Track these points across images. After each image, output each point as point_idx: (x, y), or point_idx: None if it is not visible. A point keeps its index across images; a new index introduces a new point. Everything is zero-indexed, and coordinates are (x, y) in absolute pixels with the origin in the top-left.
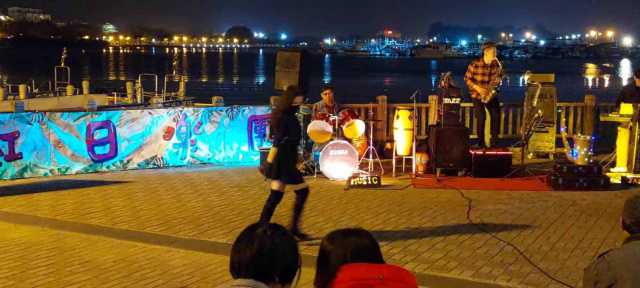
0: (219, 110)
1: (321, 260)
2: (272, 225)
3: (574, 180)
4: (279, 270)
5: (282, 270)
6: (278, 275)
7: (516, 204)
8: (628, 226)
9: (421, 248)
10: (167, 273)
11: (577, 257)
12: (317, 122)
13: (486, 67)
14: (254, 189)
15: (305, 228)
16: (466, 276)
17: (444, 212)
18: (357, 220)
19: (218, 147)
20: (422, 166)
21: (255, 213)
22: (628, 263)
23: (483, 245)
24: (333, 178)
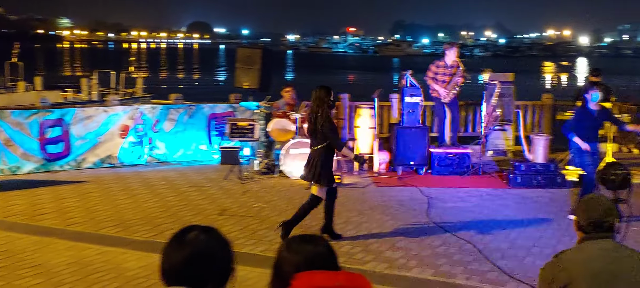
0: (177, 107)
1: (276, 267)
2: (205, 228)
3: (531, 178)
4: (214, 276)
5: (218, 275)
6: (213, 280)
7: (475, 202)
8: (583, 227)
9: (382, 247)
10: (123, 275)
11: (535, 254)
12: (278, 121)
13: (448, 67)
14: (213, 189)
15: (265, 229)
16: (426, 275)
17: (404, 211)
18: (318, 219)
19: (176, 146)
20: (384, 164)
21: (214, 214)
22: (582, 264)
23: (443, 244)
24: (294, 177)
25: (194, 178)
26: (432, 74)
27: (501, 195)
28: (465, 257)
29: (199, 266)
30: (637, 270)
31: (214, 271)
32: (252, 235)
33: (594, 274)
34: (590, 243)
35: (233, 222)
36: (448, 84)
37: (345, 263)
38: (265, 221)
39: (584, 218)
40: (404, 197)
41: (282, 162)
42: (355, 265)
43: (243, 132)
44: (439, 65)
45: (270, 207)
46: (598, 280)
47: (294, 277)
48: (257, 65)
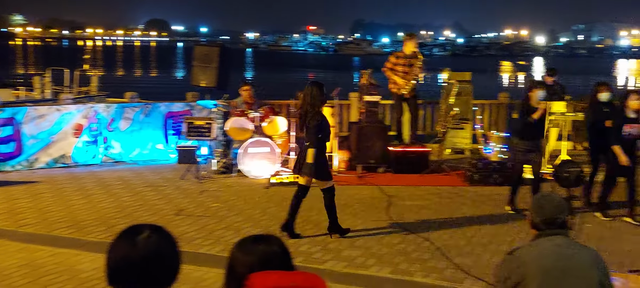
0: (133, 106)
1: (230, 268)
2: (154, 227)
3: (488, 175)
4: (163, 276)
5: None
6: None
7: (434, 200)
8: (536, 224)
9: (341, 246)
10: (76, 278)
11: (492, 251)
12: (236, 119)
13: (407, 58)
14: (170, 188)
15: (222, 229)
16: (385, 273)
17: (364, 209)
18: (278, 219)
19: (132, 145)
20: (344, 163)
21: (170, 214)
22: (536, 260)
23: (401, 242)
24: (253, 177)
25: (150, 178)
26: (391, 64)
27: (459, 193)
28: (423, 255)
29: (153, 268)
30: (588, 266)
31: (163, 271)
32: (209, 235)
33: (547, 270)
34: (543, 240)
35: (190, 222)
36: (408, 75)
37: (303, 262)
38: (223, 221)
39: (537, 216)
40: (363, 196)
41: (240, 161)
42: (313, 265)
43: (200, 131)
44: (398, 55)
45: (228, 206)
46: (550, 276)
47: (247, 277)
48: (215, 64)
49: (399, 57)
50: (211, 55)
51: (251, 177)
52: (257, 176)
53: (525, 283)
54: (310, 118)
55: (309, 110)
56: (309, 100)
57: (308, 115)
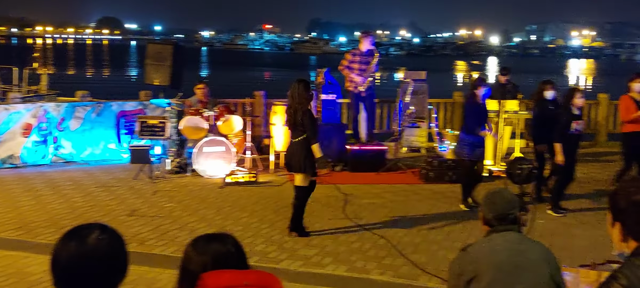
0: (84, 105)
1: (183, 267)
2: (102, 227)
3: (443, 173)
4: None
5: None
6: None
7: (390, 198)
8: (488, 221)
9: (297, 245)
10: (24, 281)
11: (446, 248)
12: (190, 118)
13: (363, 56)
14: (122, 189)
15: (176, 229)
16: (341, 271)
17: (320, 208)
18: (233, 218)
19: (83, 145)
20: None
21: (123, 214)
22: (488, 256)
23: (358, 240)
24: (208, 176)
25: (102, 178)
26: (348, 62)
27: (415, 190)
28: (379, 252)
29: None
30: (539, 262)
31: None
32: (163, 236)
33: (498, 266)
34: (495, 236)
35: (143, 222)
36: (365, 72)
37: (259, 262)
38: (177, 221)
39: (489, 212)
40: (320, 194)
41: (195, 160)
42: (269, 264)
43: (154, 130)
44: (354, 53)
45: (182, 207)
46: (502, 272)
47: (201, 276)
48: (168, 62)
49: (355, 55)
50: (164, 54)
51: (206, 176)
52: (212, 176)
53: (478, 279)
54: (302, 115)
55: (297, 108)
56: (296, 99)
57: (297, 112)
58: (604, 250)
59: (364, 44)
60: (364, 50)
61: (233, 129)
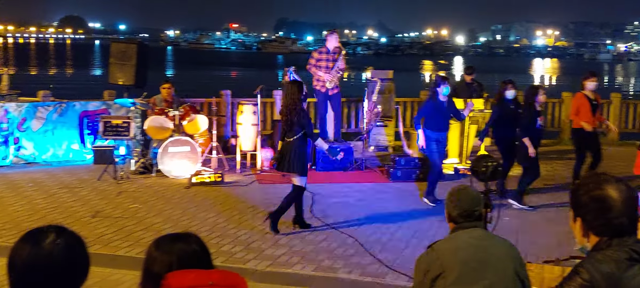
0: (46, 105)
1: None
2: (60, 229)
3: (410, 172)
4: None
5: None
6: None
7: (358, 197)
8: (454, 218)
9: (264, 244)
10: None
11: (414, 246)
12: (155, 118)
13: (330, 53)
14: (86, 190)
15: (141, 230)
16: (308, 271)
17: None
18: (199, 219)
19: (45, 145)
20: (267, 161)
21: (87, 216)
22: (453, 253)
23: (325, 239)
24: (173, 177)
25: (65, 179)
26: (315, 60)
27: (383, 189)
28: (347, 251)
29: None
30: (504, 258)
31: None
32: (128, 237)
33: (464, 262)
34: (461, 233)
35: (107, 224)
36: (332, 69)
37: (225, 262)
38: (142, 222)
39: (455, 209)
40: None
41: (160, 161)
42: (236, 264)
43: (118, 130)
44: (321, 51)
45: (147, 207)
46: (468, 268)
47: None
48: (132, 61)
49: (321, 53)
50: (129, 53)
51: (171, 177)
52: (178, 176)
53: (444, 276)
54: (296, 114)
55: (291, 108)
56: (290, 99)
57: (292, 113)
58: (568, 246)
59: (330, 42)
60: (331, 48)
61: (198, 129)
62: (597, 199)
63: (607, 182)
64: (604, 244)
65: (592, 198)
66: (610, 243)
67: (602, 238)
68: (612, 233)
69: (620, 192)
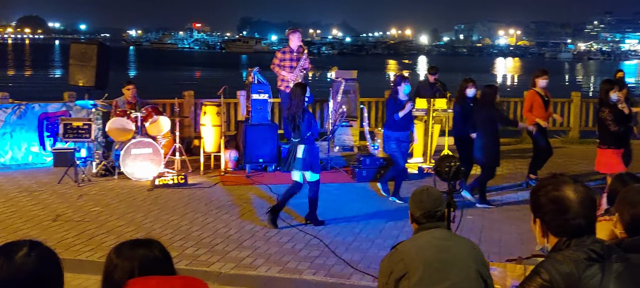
0: (4, 107)
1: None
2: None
3: (376, 171)
4: None
5: None
6: None
7: (323, 197)
8: (417, 218)
9: (228, 247)
10: None
11: (378, 246)
12: (116, 119)
13: (293, 52)
14: (46, 193)
15: (104, 233)
16: (273, 272)
17: (252, 209)
18: (162, 221)
19: (3, 148)
20: (232, 163)
21: (47, 220)
22: (417, 253)
23: (290, 240)
24: (136, 179)
25: (24, 182)
26: (278, 60)
27: (348, 189)
28: (312, 252)
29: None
30: (467, 258)
31: None
32: (89, 241)
33: (428, 262)
34: (424, 233)
35: (68, 228)
36: (295, 69)
37: (189, 265)
38: (104, 225)
39: (418, 210)
40: (252, 196)
41: (122, 163)
42: (200, 267)
43: (78, 133)
44: (284, 51)
45: (109, 210)
46: (431, 268)
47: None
48: (93, 62)
49: (284, 53)
50: (89, 53)
51: (134, 179)
52: (140, 178)
53: (408, 276)
54: (298, 117)
55: (296, 110)
56: (295, 101)
57: (296, 114)
58: (531, 244)
59: (293, 41)
60: (294, 48)
61: (161, 130)
62: (554, 200)
63: (565, 183)
64: (563, 245)
65: (550, 200)
66: (569, 244)
67: (561, 239)
68: (570, 233)
69: (578, 193)
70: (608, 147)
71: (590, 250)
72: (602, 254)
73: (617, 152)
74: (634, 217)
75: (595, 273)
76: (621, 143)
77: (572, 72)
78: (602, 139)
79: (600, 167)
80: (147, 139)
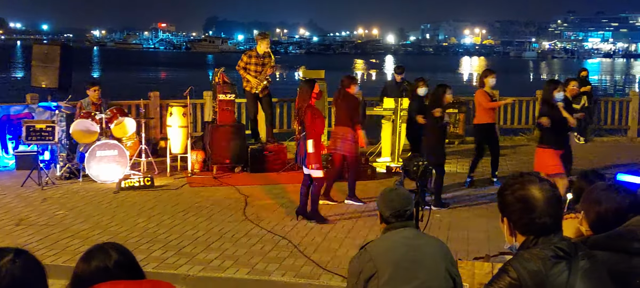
0: None
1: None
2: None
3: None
4: None
5: None
6: None
7: (291, 198)
8: (386, 218)
9: (196, 249)
10: None
11: (347, 246)
12: (81, 121)
13: (259, 58)
14: (9, 197)
15: (68, 237)
16: (241, 274)
17: (220, 210)
18: (128, 224)
19: None
20: (198, 164)
21: (10, 224)
22: (386, 253)
23: (258, 241)
24: (101, 181)
25: None
26: (244, 63)
27: None
28: (281, 253)
29: None
30: (435, 256)
31: None
32: (54, 245)
33: (396, 262)
34: (392, 233)
35: (32, 232)
36: (260, 74)
37: (157, 268)
38: (69, 229)
39: (386, 210)
40: (219, 197)
41: (87, 165)
42: (168, 270)
43: (41, 135)
44: (250, 55)
45: (75, 214)
46: (400, 268)
47: None
48: (56, 63)
49: (251, 57)
50: (52, 55)
51: (99, 181)
52: (106, 180)
53: (377, 276)
54: (303, 115)
55: (302, 106)
56: (302, 97)
57: (300, 111)
58: (498, 242)
59: (260, 47)
60: (261, 53)
61: (127, 132)
62: (521, 199)
63: (531, 182)
64: (530, 243)
65: (516, 199)
66: (537, 242)
67: (529, 237)
68: (537, 232)
69: (544, 192)
70: (547, 147)
71: (557, 248)
72: (568, 252)
73: (556, 153)
74: (599, 215)
75: (563, 270)
76: (561, 145)
77: (536, 71)
78: (542, 139)
79: (539, 167)
80: (112, 140)
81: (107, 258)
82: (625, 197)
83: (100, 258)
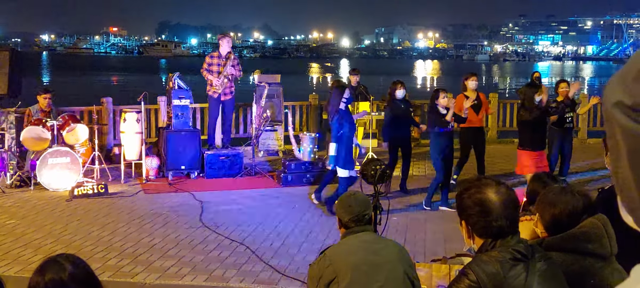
0: None
1: None
2: None
3: (301, 175)
4: None
5: None
6: None
7: (248, 203)
8: (345, 223)
9: (152, 257)
10: None
11: (306, 250)
12: (31, 128)
13: (222, 58)
14: None
15: (20, 247)
16: (199, 281)
17: (176, 217)
18: (82, 233)
19: None
20: (153, 170)
21: None
22: (345, 257)
23: (216, 248)
24: (53, 189)
25: None
26: (207, 65)
27: (274, 194)
28: (239, 260)
29: None
30: (394, 259)
31: None
32: (5, 255)
33: (356, 266)
34: (352, 237)
35: None
36: (220, 74)
37: (113, 277)
38: (21, 239)
39: (346, 215)
40: (175, 203)
41: (38, 173)
42: (124, 278)
43: None
44: (213, 55)
45: (26, 223)
46: (360, 272)
47: None
48: (5, 69)
49: (213, 58)
50: (1, 60)
51: (51, 189)
52: (58, 188)
53: (337, 281)
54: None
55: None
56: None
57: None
58: (454, 243)
59: (223, 47)
60: (223, 53)
61: (79, 139)
62: (478, 203)
63: (488, 185)
64: (488, 245)
65: (473, 202)
66: (495, 245)
67: (487, 240)
68: (494, 235)
69: (500, 195)
70: (524, 149)
71: (515, 250)
72: (526, 254)
73: (533, 155)
74: (554, 217)
75: (520, 272)
76: (538, 145)
77: (489, 74)
78: (520, 141)
79: (519, 169)
80: (64, 147)
81: (62, 271)
82: (579, 199)
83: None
